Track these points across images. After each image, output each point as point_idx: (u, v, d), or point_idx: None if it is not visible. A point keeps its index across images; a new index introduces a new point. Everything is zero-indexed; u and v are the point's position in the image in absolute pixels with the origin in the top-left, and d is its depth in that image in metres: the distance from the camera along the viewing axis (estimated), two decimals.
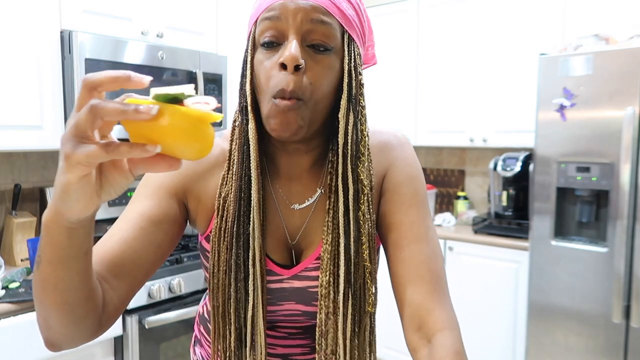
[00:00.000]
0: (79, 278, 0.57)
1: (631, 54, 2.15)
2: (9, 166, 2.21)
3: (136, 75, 0.46)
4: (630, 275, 2.18)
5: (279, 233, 0.78)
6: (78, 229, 0.53)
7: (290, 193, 0.78)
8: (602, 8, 2.53)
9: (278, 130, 0.67)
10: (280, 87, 0.65)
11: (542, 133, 2.40)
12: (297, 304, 0.78)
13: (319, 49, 0.67)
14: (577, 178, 2.31)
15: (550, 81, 2.35)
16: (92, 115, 0.44)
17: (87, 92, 0.46)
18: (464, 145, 3.06)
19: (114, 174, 0.50)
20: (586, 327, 2.31)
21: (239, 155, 0.73)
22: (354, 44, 0.71)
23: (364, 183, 0.73)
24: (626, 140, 2.13)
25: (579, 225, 2.41)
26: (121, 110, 0.44)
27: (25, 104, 1.90)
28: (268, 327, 0.81)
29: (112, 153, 0.45)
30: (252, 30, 0.71)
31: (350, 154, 0.71)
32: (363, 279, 0.73)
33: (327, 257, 0.73)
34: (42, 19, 1.92)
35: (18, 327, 1.63)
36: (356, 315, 0.73)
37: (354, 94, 0.70)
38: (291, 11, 0.66)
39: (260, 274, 0.73)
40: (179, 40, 2.36)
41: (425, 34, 3.17)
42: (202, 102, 0.47)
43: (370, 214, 0.75)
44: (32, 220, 2.15)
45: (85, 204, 0.50)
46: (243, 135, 0.73)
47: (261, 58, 0.69)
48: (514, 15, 2.81)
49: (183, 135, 0.46)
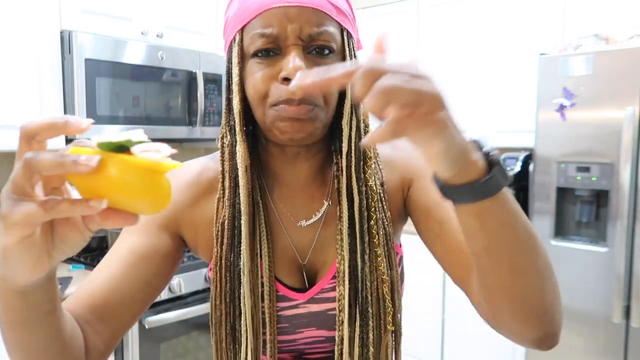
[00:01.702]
0: (46, 338, 0.52)
1: (631, 54, 2.15)
2: (9, 166, 2.21)
3: (74, 119, 0.40)
4: (630, 275, 2.18)
5: (288, 254, 0.71)
6: (32, 292, 0.47)
7: (295, 208, 0.72)
8: (602, 8, 2.53)
9: (289, 133, 0.62)
10: (285, 97, 0.60)
11: (542, 133, 2.40)
12: (318, 329, 0.70)
13: (323, 53, 0.63)
14: (577, 178, 2.31)
15: (550, 81, 2.35)
16: (27, 171, 0.39)
17: (24, 142, 0.41)
18: None
19: (66, 231, 0.43)
20: (586, 327, 2.31)
21: (230, 180, 0.68)
22: (352, 41, 0.67)
23: (373, 189, 0.68)
24: (626, 140, 2.13)
25: (579, 225, 2.40)
26: (58, 163, 0.38)
27: (25, 104, 1.90)
28: (294, 357, 0.73)
29: (52, 212, 0.39)
30: (237, 38, 0.63)
31: (354, 161, 0.66)
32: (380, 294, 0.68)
33: (341, 275, 0.66)
34: (42, 19, 1.92)
35: None
36: (373, 335, 0.67)
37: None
38: (289, 26, 0.60)
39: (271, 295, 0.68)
40: (179, 40, 2.36)
41: (425, 34, 3.17)
42: (152, 149, 0.40)
43: (385, 222, 0.70)
44: None
45: (32, 267, 0.43)
46: (232, 155, 0.67)
47: (254, 68, 0.63)
48: (514, 15, 2.81)
49: (131, 189, 0.40)
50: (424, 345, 2.97)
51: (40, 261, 0.43)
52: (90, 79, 2.00)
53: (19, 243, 0.41)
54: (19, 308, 0.49)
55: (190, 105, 2.34)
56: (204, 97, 2.35)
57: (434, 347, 2.93)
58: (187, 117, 2.34)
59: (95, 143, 0.40)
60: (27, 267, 0.43)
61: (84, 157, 0.38)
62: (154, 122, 2.22)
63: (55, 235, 0.44)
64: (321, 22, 0.62)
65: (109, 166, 0.39)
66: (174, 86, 2.29)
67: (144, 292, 0.67)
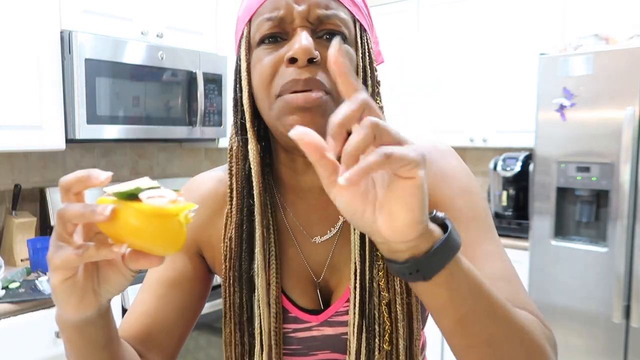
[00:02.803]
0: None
1: (631, 54, 2.15)
2: (9, 166, 2.21)
3: (94, 172, 0.45)
4: (630, 275, 2.18)
5: (302, 272, 0.66)
6: (86, 327, 0.51)
7: (310, 223, 0.67)
8: (602, 8, 2.53)
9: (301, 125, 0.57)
10: (289, 79, 0.55)
11: (542, 133, 2.40)
12: (332, 352, 0.66)
13: (333, 37, 0.56)
14: (577, 178, 2.31)
15: (550, 81, 2.35)
16: (60, 220, 0.44)
17: (64, 194, 0.46)
18: (464, 145, 3.06)
19: (109, 272, 0.48)
20: (586, 327, 2.31)
21: (238, 184, 0.63)
22: (366, 35, 0.62)
23: None
24: (626, 140, 2.13)
25: (579, 225, 2.40)
26: (80, 214, 0.43)
27: (25, 104, 1.90)
28: None
29: (83, 256, 0.44)
30: (245, 31, 0.60)
31: None
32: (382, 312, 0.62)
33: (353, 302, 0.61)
34: (42, 19, 1.92)
35: (18, 327, 1.63)
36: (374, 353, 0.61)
37: (370, 93, 0.60)
38: (296, 9, 0.56)
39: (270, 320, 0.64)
40: (179, 40, 2.36)
41: (425, 34, 3.17)
42: (156, 195, 0.44)
43: None
44: (32, 220, 2.15)
45: (77, 304, 0.48)
46: (241, 159, 0.63)
47: (260, 56, 0.58)
48: (514, 15, 2.81)
49: (142, 234, 0.44)
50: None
51: (86, 298, 0.48)
52: (90, 79, 2.00)
53: (62, 283, 0.46)
54: (77, 341, 0.53)
55: (190, 105, 2.34)
56: (204, 97, 2.35)
57: (434, 347, 2.93)
58: (187, 117, 2.34)
59: (113, 192, 0.44)
60: (72, 303, 0.48)
61: (100, 207, 0.43)
62: (154, 122, 2.22)
63: (100, 276, 0.48)
64: (331, 5, 0.57)
65: (121, 214, 0.43)
66: (174, 86, 2.29)
67: (182, 318, 0.68)
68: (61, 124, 2.00)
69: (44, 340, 1.69)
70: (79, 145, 2.41)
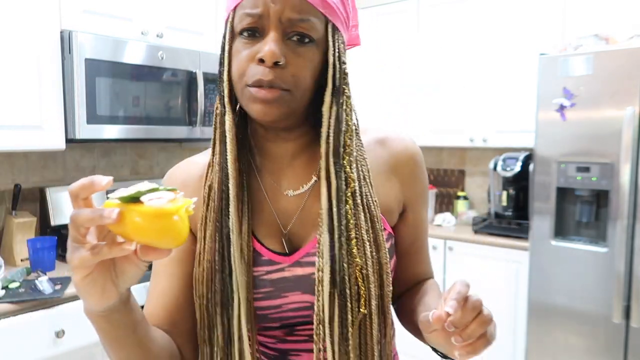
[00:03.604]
0: (137, 351, 0.65)
1: (631, 54, 2.15)
2: (9, 166, 2.21)
3: (96, 178, 0.51)
4: (630, 275, 2.18)
5: (273, 222, 0.75)
6: (112, 315, 0.59)
7: (283, 180, 0.76)
8: (602, 8, 2.53)
9: (260, 115, 0.67)
10: (257, 78, 0.65)
11: (542, 133, 2.40)
12: (303, 293, 0.72)
13: (302, 41, 0.66)
14: (577, 178, 2.31)
15: (550, 81, 2.35)
16: (74, 225, 0.51)
17: (73, 201, 0.52)
18: (464, 145, 3.06)
19: (124, 265, 0.55)
20: (586, 327, 2.31)
21: (220, 145, 0.72)
22: (337, 34, 0.70)
23: (350, 175, 0.71)
24: (626, 140, 2.13)
25: (579, 225, 2.40)
26: (91, 217, 0.49)
27: (25, 104, 1.90)
28: (286, 333, 0.75)
29: (98, 255, 0.51)
30: (231, 17, 0.70)
31: (332, 146, 0.69)
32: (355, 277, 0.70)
33: (321, 247, 0.69)
34: (42, 19, 1.92)
35: (18, 327, 1.63)
36: (352, 317, 0.69)
37: (337, 86, 0.70)
38: (272, 7, 0.65)
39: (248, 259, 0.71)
40: (179, 40, 2.36)
41: (425, 34, 3.17)
42: (155, 197, 0.50)
43: (372, 207, 0.73)
44: (32, 220, 2.15)
45: (100, 296, 0.55)
46: (222, 125, 0.72)
47: (239, 47, 0.68)
48: (514, 15, 2.81)
49: (147, 231, 0.49)
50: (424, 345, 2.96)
51: (107, 290, 0.55)
52: (90, 79, 2.00)
53: (82, 280, 0.54)
54: (108, 329, 0.61)
55: (190, 105, 2.34)
56: (204, 97, 2.35)
57: None
58: (187, 117, 2.34)
59: (117, 197, 0.50)
60: (96, 296, 0.55)
61: (107, 211, 0.49)
62: (154, 122, 2.23)
63: (117, 269, 0.55)
64: (304, 9, 0.65)
65: (127, 216, 0.49)
66: (174, 86, 2.29)
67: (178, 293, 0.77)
68: (61, 124, 2.00)
69: (44, 340, 1.69)
70: (79, 145, 2.41)
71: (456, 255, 2.82)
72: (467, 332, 0.58)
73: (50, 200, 2.23)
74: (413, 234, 0.83)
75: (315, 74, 0.69)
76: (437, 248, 2.87)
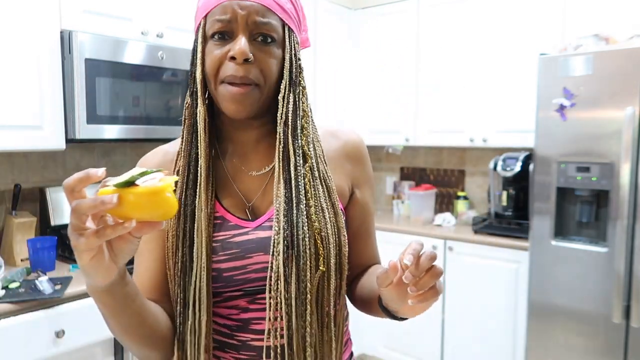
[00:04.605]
0: (137, 318, 0.73)
1: (631, 54, 2.15)
2: (9, 166, 2.21)
3: (92, 171, 0.56)
4: (630, 275, 2.18)
5: (237, 197, 0.85)
6: (114, 288, 0.66)
7: (248, 162, 0.86)
8: (602, 8, 2.53)
9: (233, 112, 0.77)
10: (229, 74, 0.76)
11: (542, 133, 2.40)
12: (265, 255, 0.80)
13: (265, 41, 0.77)
14: (577, 178, 2.31)
15: (550, 81, 2.35)
16: (77, 214, 0.56)
17: (69, 194, 0.57)
18: (464, 145, 3.06)
19: (120, 243, 0.61)
20: (586, 327, 2.31)
21: (188, 134, 0.82)
22: (293, 34, 0.81)
23: (308, 153, 0.81)
24: (626, 140, 2.13)
25: (579, 225, 2.41)
26: (93, 205, 0.55)
27: (25, 104, 1.90)
28: (248, 301, 0.81)
29: (102, 237, 0.57)
30: (202, 23, 0.80)
31: (290, 129, 0.80)
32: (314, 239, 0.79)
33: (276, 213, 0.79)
34: (42, 19, 1.92)
35: (18, 327, 1.63)
36: (311, 273, 0.77)
37: (294, 78, 0.81)
38: (240, 13, 0.75)
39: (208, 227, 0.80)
40: (179, 40, 2.36)
41: (425, 34, 3.17)
42: (148, 179, 0.58)
43: (327, 180, 0.83)
44: (32, 220, 2.15)
45: (105, 274, 0.63)
46: (192, 116, 0.82)
47: (211, 48, 0.78)
48: (514, 15, 2.81)
49: (144, 208, 0.57)
50: (424, 345, 2.97)
51: (109, 268, 0.62)
52: (90, 79, 2.00)
53: (90, 262, 0.60)
54: (111, 302, 0.68)
55: None
56: None
57: (434, 347, 2.93)
58: None
59: (112, 184, 0.57)
60: (100, 274, 0.63)
61: (107, 197, 0.55)
62: (154, 122, 2.23)
63: (115, 248, 0.62)
64: (266, 14, 0.77)
65: (125, 198, 0.56)
66: (174, 86, 2.29)
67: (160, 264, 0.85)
68: (61, 124, 2.00)
69: (44, 340, 1.69)
70: (79, 145, 2.41)
71: (456, 255, 2.82)
72: (420, 283, 0.66)
73: (50, 200, 2.23)
74: (360, 215, 0.92)
75: (279, 68, 0.80)
76: (437, 248, 2.87)
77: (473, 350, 2.79)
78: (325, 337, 0.80)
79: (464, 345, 2.82)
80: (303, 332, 0.77)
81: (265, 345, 0.78)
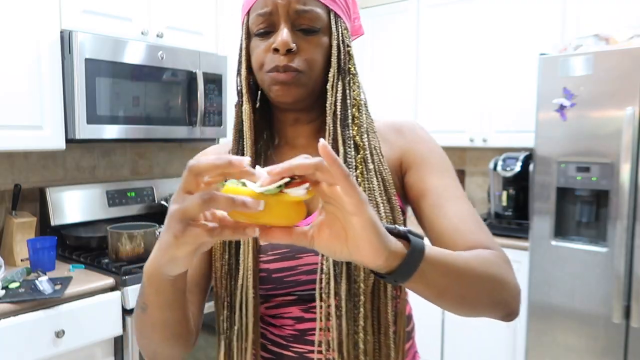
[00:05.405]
0: (182, 312, 0.69)
1: (631, 54, 2.15)
2: (9, 166, 2.21)
3: (236, 159, 0.49)
4: (630, 275, 2.18)
5: None
6: (178, 278, 0.62)
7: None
8: (602, 8, 2.53)
9: (280, 96, 0.75)
10: (273, 64, 0.74)
11: (542, 133, 2.40)
12: (316, 255, 0.75)
13: (308, 32, 0.75)
14: (577, 178, 2.31)
15: (550, 81, 2.35)
16: (205, 205, 0.49)
17: (192, 178, 0.50)
18: (464, 145, 3.06)
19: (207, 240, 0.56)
20: (586, 327, 2.31)
21: (236, 133, 0.81)
22: (340, 21, 0.78)
23: (360, 144, 0.76)
24: (626, 140, 2.13)
25: (579, 225, 2.40)
26: (232, 203, 0.49)
27: (25, 104, 1.90)
28: (303, 310, 0.76)
29: (218, 236, 0.52)
30: (246, 20, 0.79)
31: (340, 118, 0.77)
32: None
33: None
34: (42, 19, 1.92)
35: (18, 327, 1.63)
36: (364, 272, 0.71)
37: (342, 66, 0.78)
38: (280, 3, 0.74)
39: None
40: (179, 40, 2.36)
41: (425, 34, 3.17)
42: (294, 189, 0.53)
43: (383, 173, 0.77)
44: (32, 220, 2.15)
45: (186, 265, 0.57)
46: (239, 115, 0.81)
47: (256, 44, 0.77)
48: (514, 15, 2.81)
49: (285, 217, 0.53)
50: (424, 345, 2.97)
51: (191, 261, 0.57)
52: (90, 79, 2.00)
53: (186, 255, 0.54)
54: (169, 291, 0.63)
55: (190, 105, 2.34)
56: (204, 97, 2.35)
57: (434, 347, 2.93)
58: (187, 117, 2.34)
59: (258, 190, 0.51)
60: (184, 265, 0.57)
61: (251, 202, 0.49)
62: (154, 122, 2.22)
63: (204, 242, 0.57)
64: (307, 2, 0.75)
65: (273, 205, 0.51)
66: (174, 86, 2.29)
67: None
68: (61, 124, 2.00)
69: (44, 340, 1.69)
70: (79, 145, 2.41)
71: None
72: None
73: (50, 200, 2.23)
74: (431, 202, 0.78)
75: (326, 58, 0.77)
76: None
77: (473, 349, 2.79)
78: (382, 345, 0.72)
79: (464, 345, 2.82)
80: (355, 338, 0.70)
81: (316, 358, 0.73)
